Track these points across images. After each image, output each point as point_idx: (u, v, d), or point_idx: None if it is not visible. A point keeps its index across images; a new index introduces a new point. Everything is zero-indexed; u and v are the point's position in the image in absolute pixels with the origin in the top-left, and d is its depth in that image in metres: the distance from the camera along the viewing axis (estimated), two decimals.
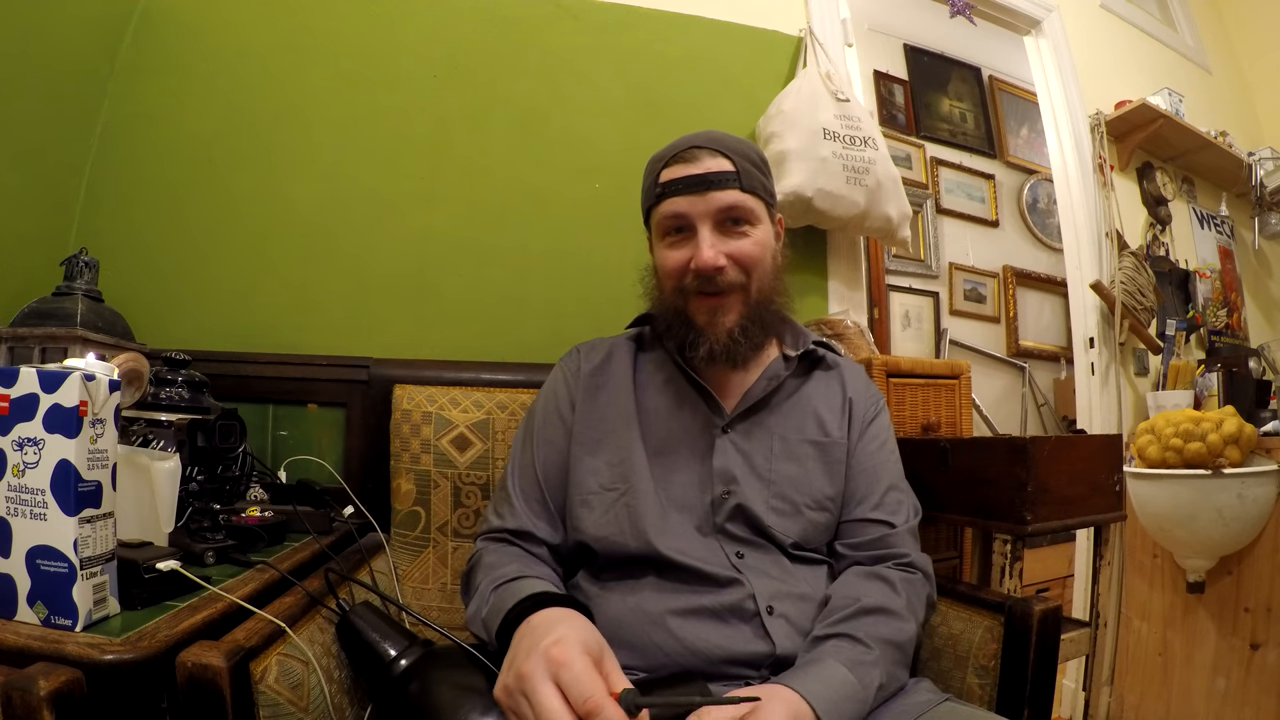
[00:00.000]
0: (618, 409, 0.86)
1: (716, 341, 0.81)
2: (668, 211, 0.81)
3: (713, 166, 0.79)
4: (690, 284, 0.81)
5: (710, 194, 0.79)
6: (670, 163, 0.82)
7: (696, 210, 0.79)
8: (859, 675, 0.66)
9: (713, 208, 0.79)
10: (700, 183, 0.79)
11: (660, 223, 0.83)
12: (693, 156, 0.80)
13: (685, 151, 0.81)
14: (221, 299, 1.25)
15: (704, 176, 0.79)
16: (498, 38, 1.38)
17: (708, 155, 0.80)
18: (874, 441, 0.88)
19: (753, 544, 0.80)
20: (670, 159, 0.82)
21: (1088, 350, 2.09)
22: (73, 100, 1.20)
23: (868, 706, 0.66)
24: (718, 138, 0.82)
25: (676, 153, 0.82)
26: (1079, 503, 1.02)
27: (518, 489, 0.86)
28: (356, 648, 0.73)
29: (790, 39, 1.53)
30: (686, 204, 0.80)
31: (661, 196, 0.81)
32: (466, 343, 1.29)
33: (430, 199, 1.33)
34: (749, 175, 0.81)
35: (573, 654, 0.53)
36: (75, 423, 0.57)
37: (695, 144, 0.81)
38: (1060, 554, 2.38)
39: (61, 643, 0.53)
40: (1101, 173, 2.12)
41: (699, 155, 0.80)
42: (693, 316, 0.82)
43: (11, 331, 0.94)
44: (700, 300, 0.81)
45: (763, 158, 0.86)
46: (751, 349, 0.83)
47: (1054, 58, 2.14)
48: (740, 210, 0.80)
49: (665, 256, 0.83)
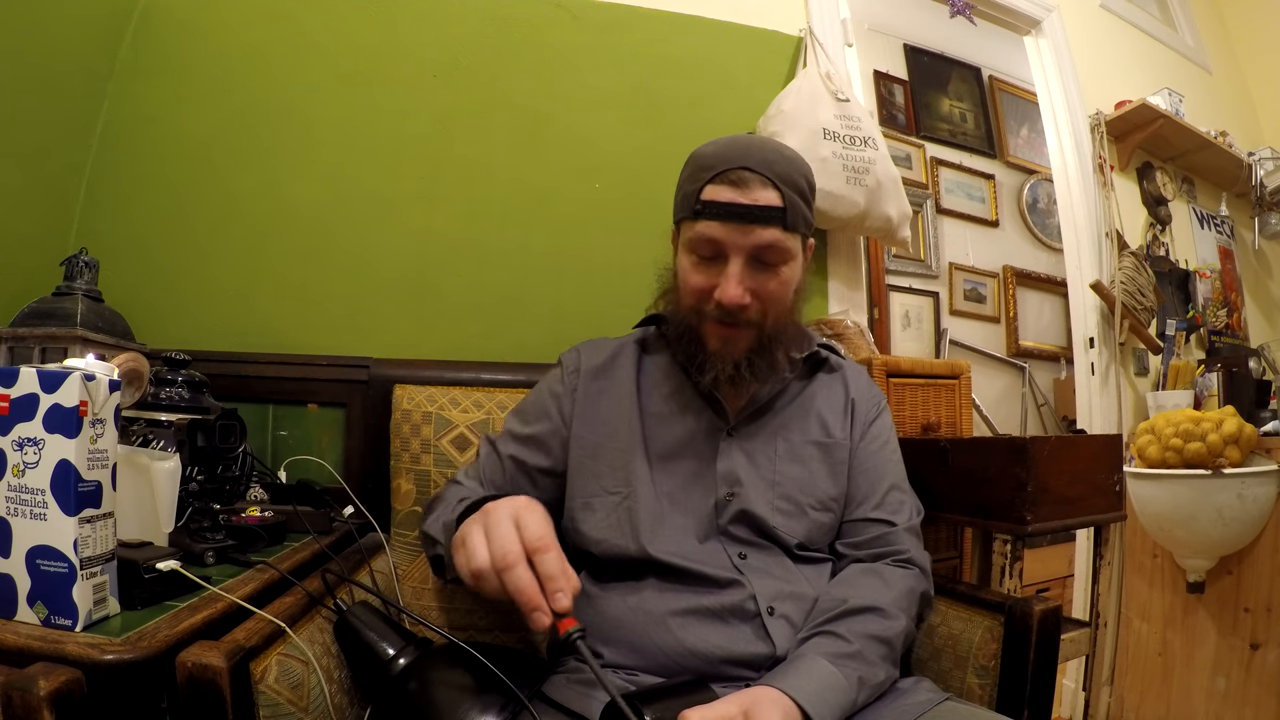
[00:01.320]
0: (620, 413, 0.86)
1: (723, 370, 0.80)
2: (703, 234, 0.76)
3: (760, 198, 0.74)
4: (710, 310, 0.78)
5: (753, 229, 0.74)
6: (716, 180, 0.75)
7: (733, 241, 0.75)
8: (840, 667, 0.66)
9: (750, 243, 0.75)
10: (744, 214, 0.74)
11: (692, 240, 0.78)
12: (742, 180, 0.74)
13: (735, 172, 0.75)
14: (221, 299, 1.25)
15: (749, 209, 0.74)
16: (498, 38, 1.38)
17: (758, 183, 0.74)
18: (876, 442, 0.88)
19: (756, 545, 0.80)
20: (716, 175, 0.76)
21: (1088, 350, 2.09)
22: (73, 100, 1.20)
23: (854, 696, 0.66)
24: (770, 161, 0.76)
25: (725, 170, 0.75)
26: (1079, 503, 1.02)
27: (487, 479, 0.87)
28: (354, 647, 0.73)
29: (790, 39, 1.53)
30: (724, 232, 0.75)
31: (699, 215, 0.76)
32: (466, 343, 1.29)
33: (430, 199, 1.33)
34: (794, 211, 0.76)
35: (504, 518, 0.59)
36: (75, 423, 0.57)
37: (747, 165, 0.75)
38: (1060, 554, 2.38)
39: (61, 643, 0.53)
40: (1101, 173, 2.12)
41: (749, 181, 0.74)
42: (704, 339, 0.81)
43: (11, 331, 0.94)
44: (714, 327, 0.79)
45: (811, 183, 0.80)
46: (756, 380, 0.81)
47: (1054, 58, 2.14)
48: (775, 250, 0.76)
49: (690, 275, 0.79)
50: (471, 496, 0.75)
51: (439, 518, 0.78)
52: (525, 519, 0.59)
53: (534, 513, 0.60)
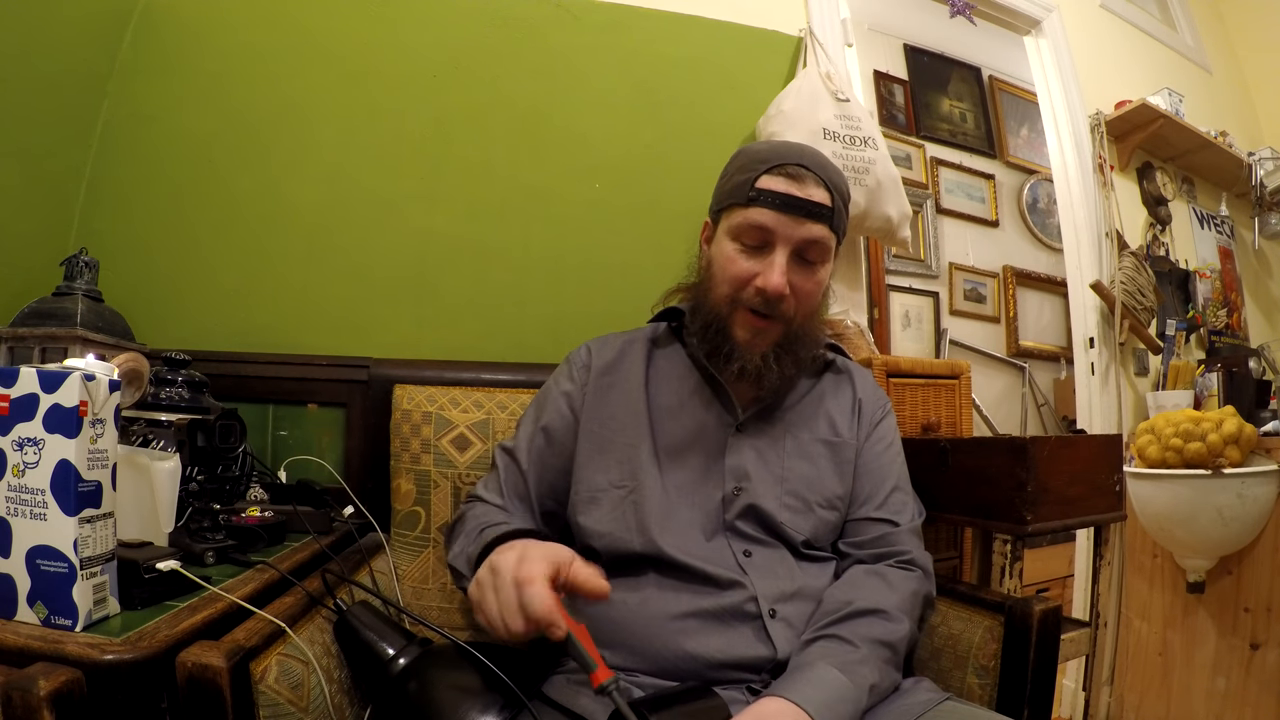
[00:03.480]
0: (629, 407, 0.86)
1: (749, 361, 0.80)
2: (755, 220, 0.78)
3: (815, 196, 0.78)
4: (748, 298, 0.79)
5: (805, 222, 0.77)
6: (773, 171, 0.78)
7: (783, 231, 0.77)
8: (851, 676, 0.66)
9: (799, 236, 0.78)
10: (800, 207, 0.77)
11: (739, 226, 0.79)
12: (799, 175, 0.78)
13: (792, 167, 0.78)
14: (221, 299, 1.25)
15: (804, 203, 0.77)
16: (498, 38, 1.38)
17: (812, 181, 0.78)
18: (880, 443, 0.89)
19: (762, 542, 0.80)
20: (774, 167, 0.78)
21: (1088, 350, 2.09)
22: (73, 100, 1.20)
23: (862, 706, 0.66)
24: (823, 164, 0.80)
25: (782, 164, 0.78)
26: (1079, 503, 1.02)
27: (509, 486, 0.87)
28: (354, 647, 0.73)
29: (790, 39, 1.53)
30: (776, 222, 0.77)
31: (753, 201, 0.78)
32: (466, 343, 1.29)
33: (430, 199, 1.33)
34: (839, 214, 0.80)
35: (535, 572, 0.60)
36: (75, 423, 0.57)
37: (803, 163, 0.78)
38: (1060, 554, 2.38)
39: (61, 643, 0.53)
40: (1101, 173, 2.12)
41: (804, 177, 0.78)
42: (732, 329, 0.81)
43: (11, 331, 0.94)
44: (748, 316, 0.80)
45: (849, 194, 0.85)
46: (779, 377, 0.82)
47: (1054, 58, 2.14)
48: (819, 247, 0.79)
49: (732, 261, 0.80)
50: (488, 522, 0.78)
51: (462, 550, 0.78)
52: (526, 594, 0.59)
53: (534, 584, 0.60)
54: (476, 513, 0.83)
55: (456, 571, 0.79)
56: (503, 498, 0.86)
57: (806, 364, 0.86)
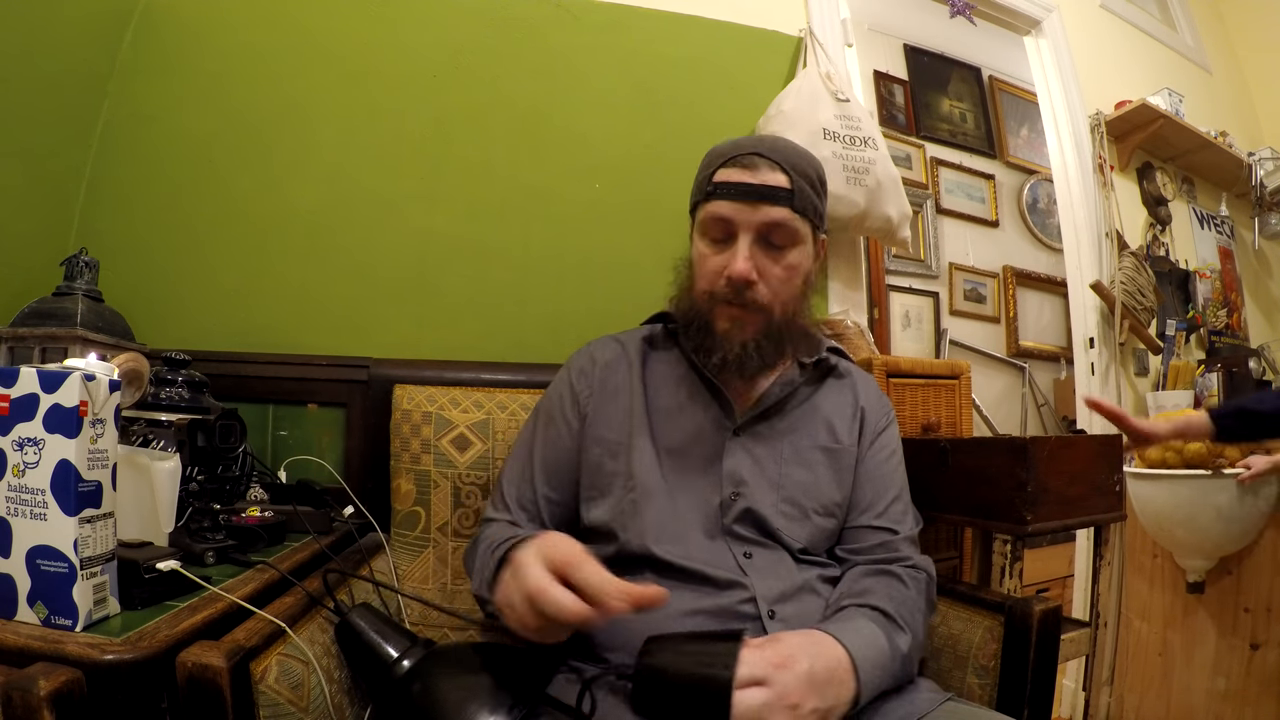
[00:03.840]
0: (628, 408, 0.86)
1: (729, 351, 0.81)
2: (714, 213, 0.80)
3: (769, 179, 0.78)
4: (720, 290, 0.80)
5: (761, 206, 0.78)
6: (727, 164, 0.80)
7: (742, 219, 0.78)
8: (889, 639, 0.67)
9: (758, 221, 0.78)
10: (752, 193, 0.78)
11: (704, 221, 0.81)
12: (752, 164, 0.79)
13: (745, 157, 0.79)
14: (221, 299, 1.25)
15: (758, 188, 0.78)
16: (498, 38, 1.38)
17: (766, 166, 0.78)
18: (883, 451, 0.89)
19: (761, 545, 0.80)
20: (728, 160, 0.80)
21: (1088, 350, 2.09)
22: (73, 100, 1.20)
23: (892, 674, 0.67)
24: (780, 149, 0.81)
25: (736, 155, 0.80)
26: (1079, 503, 1.02)
27: (513, 499, 0.86)
28: (357, 650, 0.73)
29: (790, 39, 1.53)
30: (733, 210, 0.78)
31: (711, 196, 0.80)
32: (466, 343, 1.29)
33: (430, 199, 1.33)
34: (803, 195, 0.79)
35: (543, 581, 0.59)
36: (75, 423, 0.57)
37: (758, 151, 0.79)
38: (1060, 554, 2.38)
39: (61, 643, 0.53)
40: (1101, 173, 2.12)
41: (758, 164, 0.79)
42: (713, 322, 0.82)
43: (11, 331, 0.94)
44: (724, 308, 0.81)
45: (821, 177, 0.84)
46: (763, 365, 0.82)
47: (1054, 58, 2.14)
48: (784, 230, 0.79)
49: (704, 258, 0.82)
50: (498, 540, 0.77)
51: (481, 579, 0.77)
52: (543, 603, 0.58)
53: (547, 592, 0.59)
54: (488, 535, 0.82)
55: (480, 599, 0.79)
56: (509, 511, 0.86)
57: (793, 351, 0.85)
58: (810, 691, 0.58)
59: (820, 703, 0.58)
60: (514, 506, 0.86)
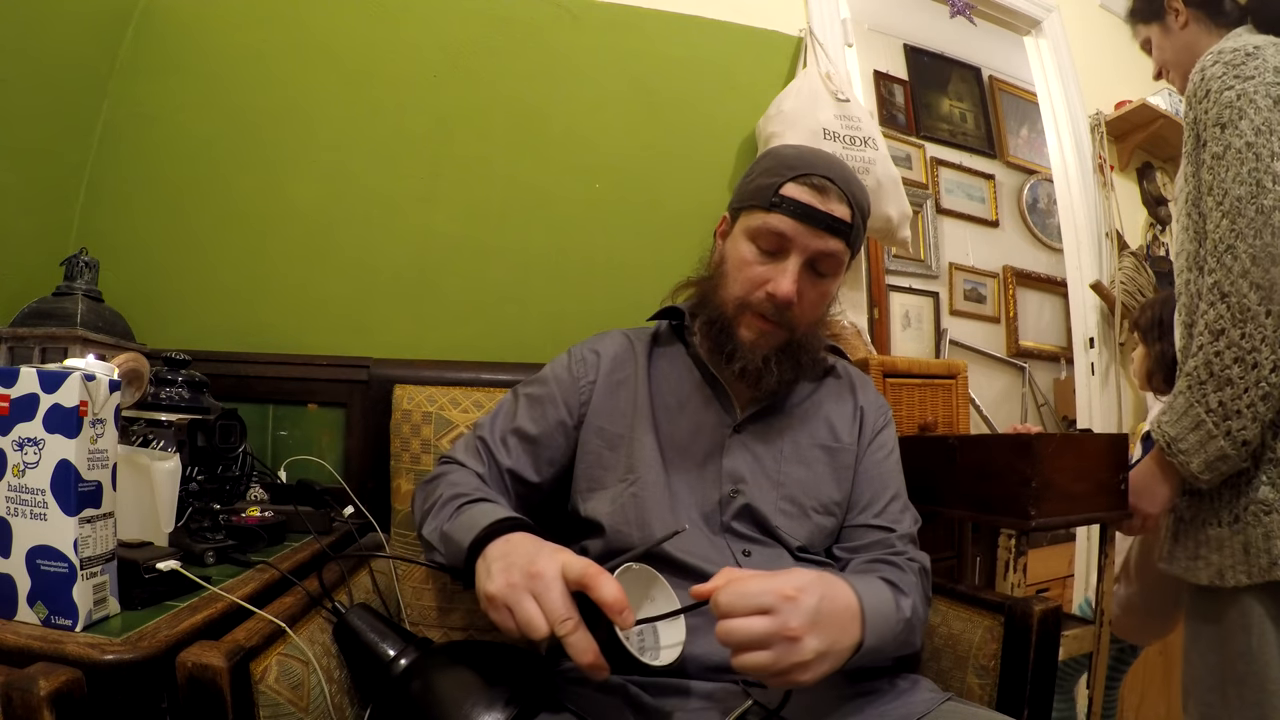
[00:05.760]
0: (633, 401, 0.86)
1: (750, 362, 0.80)
2: (775, 227, 0.78)
3: (838, 212, 0.78)
4: (757, 301, 0.79)
5: (823, 235, 0.78)
6: (798, 179, 0.78)
7: (801, 241, 0.78)
8: (896, 601, 0.69)
9: (815, 247, 0.78)
10: (819, 220, 0.77)
11: (758, 229, 0.80)
12: (824, 188, 0.78)
13: (818, 178, 0.78)
14: (221, 299, 1.25)
15: (824, 216, 0.77)
16: (498, 37, 1.38)
17: (836, 196, 0.78)
18: (881, 450, 0.89)
19: (760, 543, 0.80)
20: (799, 176, 0.78)
21: (1088, 350, 2.09)
22: (73, 99, 1.20)
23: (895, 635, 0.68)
24: (848, 179, 0.81)
25: (809, 173, 0.78)
26: (1083, 500, 1.02)
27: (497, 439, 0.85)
28: (355, 650, 0.73)
29: (790, 39, 1.53)
30: (794, 230, 0.77)
31: (775, 207, 0.78)
32: (466, 343, 1.29)
33: (431, 199, 1.33)
34: (857, 233, 0.81)
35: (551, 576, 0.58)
36: (75, 423, 0.57)
37: (830, 176, 0.79)
38: (1060, 554, 2.38)
39: (61, 643, 0.53)
40: (1101, 173, 2.13)
41: (829, 190, 0.78)
42: (737, 329, 0.81)
43: (11, 331, 0.94)
44: (754, 319, 0.80)
45: (869, 208, 0.85)
46: (780, 380, 0.82)
47: (1054, 58, 2.14)
48: (833, 261, 0.80)
49: (747, 264, 0.80)
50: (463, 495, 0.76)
51: (436, 525, 0.77)
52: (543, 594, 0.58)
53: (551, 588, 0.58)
54: (451, 479, 0.81)
55: (427, 543, 0.79)
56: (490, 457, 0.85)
57: (807, 369, 0.86)
58: (813, 628, 0.57)
59: (820, 643, 0.58)
60: (486, 462, 0.85)
